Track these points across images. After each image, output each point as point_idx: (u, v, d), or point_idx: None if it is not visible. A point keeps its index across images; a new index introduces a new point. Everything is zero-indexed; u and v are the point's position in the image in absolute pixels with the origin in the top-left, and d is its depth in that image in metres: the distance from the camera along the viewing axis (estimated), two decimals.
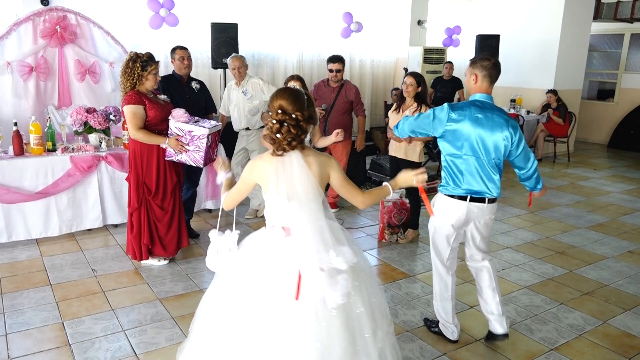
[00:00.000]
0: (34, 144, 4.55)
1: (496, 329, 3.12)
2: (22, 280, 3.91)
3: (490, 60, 2.91)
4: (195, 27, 7.12)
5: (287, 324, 2.02)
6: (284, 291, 2.04)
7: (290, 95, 2.10)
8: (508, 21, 9.44)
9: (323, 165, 2.18)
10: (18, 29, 5.20)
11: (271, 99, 2.16)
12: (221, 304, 2.21)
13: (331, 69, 5.27)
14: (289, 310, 2.02)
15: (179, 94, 4.54)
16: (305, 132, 2.14)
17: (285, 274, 2.06)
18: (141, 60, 3.85)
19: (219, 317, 2.20)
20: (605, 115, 10.64)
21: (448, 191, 2.97)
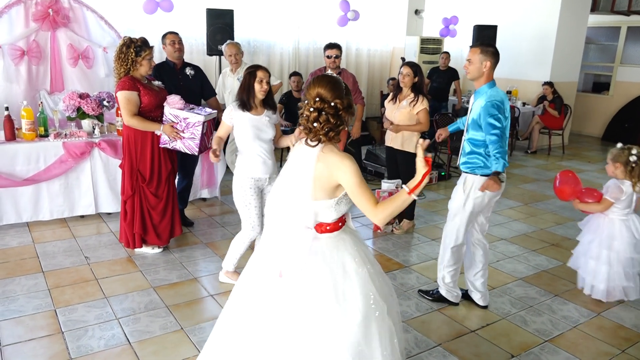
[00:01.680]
0: (26, 129, 4.48)
1: (480, 301, 3.51)
2: (13, 267, 3.87)
3: (496, 49, 3.19)
4: (190, 13, 7.03)
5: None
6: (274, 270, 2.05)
7: (329, 83, 2.01)
8: (505, 12, 9.40)
9: (331, 165, 1.99)
10: (9, 12, 5.09)
11: (307, 86, 2.08)
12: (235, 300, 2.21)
13: (329, 55, 5.22)
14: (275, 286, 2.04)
15: (172, 82, 4.42)
16: (343, 123, 2.05)
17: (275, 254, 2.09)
18: (135, 46, 3.79)
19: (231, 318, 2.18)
20: (600, 108, 10.65)
21: (488, 172, 3.19)
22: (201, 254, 4.23)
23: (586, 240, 3.68)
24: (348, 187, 1.99)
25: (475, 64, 3.15)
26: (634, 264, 3.52)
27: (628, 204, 3.48)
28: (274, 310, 2.01)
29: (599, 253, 3.56)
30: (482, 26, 8.25)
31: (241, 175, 3.49)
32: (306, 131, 2.03)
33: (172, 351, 2.91)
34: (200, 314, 3.32)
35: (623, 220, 3.51)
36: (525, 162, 8.07)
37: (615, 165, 3.48)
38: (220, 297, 3.53)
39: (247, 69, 3.43)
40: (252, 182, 3.48)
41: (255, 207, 3.52)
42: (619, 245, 3.49)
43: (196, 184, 5.39)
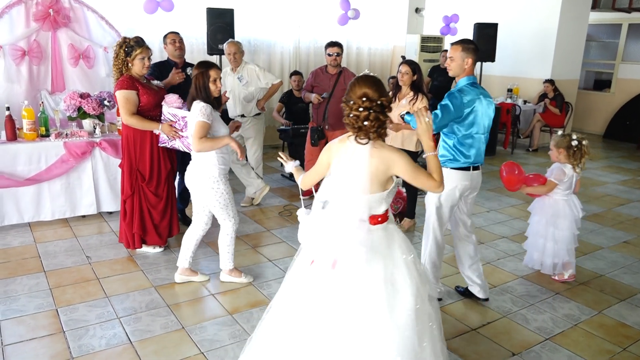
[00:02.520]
0: (27, 129, 4.49)
1: (480, 294, 3.53)
2: (15, 266, 3.88)
3: (476, 45, 3.26)
4: (190, 13, 7.03)
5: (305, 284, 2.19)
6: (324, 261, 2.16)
7: (373, 82, 2.12)
8: (506, 10, 9.38)
9: (386, 159, 2.15)
10: (10, 12, 5.10)
11: (351, 87, 2.14)
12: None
13: (330, 52, 5.23)
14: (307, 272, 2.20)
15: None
16: (387, 119, 2.15)
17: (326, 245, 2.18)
18: (126, 46, 3.80)
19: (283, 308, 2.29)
20: (602, 106, 10.63)
21: (457, 165, 3.25)
22: (202, 253, 4.24)
23: (534, 221, 4.03)
24: (407, 174, 2.20)
25: (457, 61, 3.22)
26: (574, 240, 3.91)
27: (569, 185, 3.87)
28: (328, 301, 2.12)
29: (546, 231, 3.91)
30: (482, 24, 8.22)
31: (219, 172, 3.46)
32: (355, 130, 2.13)
33: (173, 350, 2.91)
34: (201, 313, 3.32)
35: (565, 200, 3.87)
36: (527, 160, 8.05)
37: (559, 151, 3.84)
38: (221, 296, 3.54)
39: (197, 68, 3.37)
40: (227, 177, 3.53)
41: (232, 199, 3.58)
42: (563, 222, 3.85)
43: None
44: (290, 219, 5.11)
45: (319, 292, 2.14)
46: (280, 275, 3.86)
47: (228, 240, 3.66)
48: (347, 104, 2.15)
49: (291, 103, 6.74)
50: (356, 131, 2.13)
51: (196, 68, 3.37)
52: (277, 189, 6.09)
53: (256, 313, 3.32)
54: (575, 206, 3.89)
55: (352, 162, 2.14)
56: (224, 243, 3.67)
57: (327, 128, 5.42)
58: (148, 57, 3.87)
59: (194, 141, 3.34)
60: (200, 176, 3.45)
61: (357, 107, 2.10)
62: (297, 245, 4.37)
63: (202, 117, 3.31)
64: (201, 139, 3.32)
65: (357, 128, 2.12)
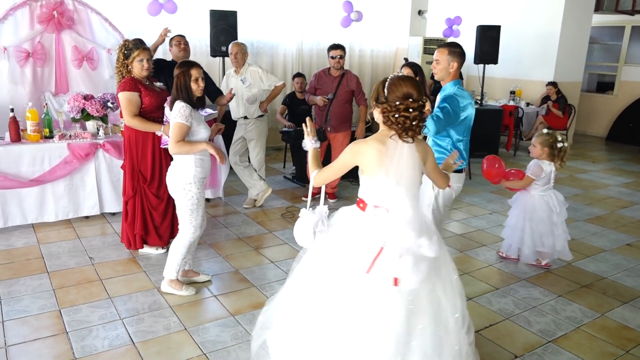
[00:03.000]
0: (31, 131, 4.51)
1: None
2: (18, 267, 3.89)
3: (463, 49, 3.36)
4: (194, 15, 7.05)
5: (359, 297, 2.13)
6: (358, 265, 2.13)
7: (414, 83, 2.17)
8: (509, 12, 9.39)
9: (425, 152, 2.31)
10: (15, 14, 5.13)
11: (393, 88, 2.15)
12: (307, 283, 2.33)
13: (333, 55, 5.24)
14: (362, 284, 2.13)
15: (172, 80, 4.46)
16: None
17: (367, 248, 2.14)
18: (125, 48, 3.82)
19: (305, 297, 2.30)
20: (605, 108, 10.61)
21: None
22: (204, 254, 4.24)
23: (513, 214, 4.25)
24: (433, 165, 2.40)
25: (443, 64, 3.28)
26: (549, 232, 4.05)
27: (547, 181, 4.09)
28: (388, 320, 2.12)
29: (523, 224, 4.12)
30: (485, 26, 8.23)
31: (195, 176, 3.33)
32: (402, 130, 2.15)
33: (176, 351, 2.92)
34: (203, 315, 3.33)
35: (542, 196, 4.09)
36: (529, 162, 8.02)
37: (543, 149, 4.05)
38: (223, 298, 3.55)
39: (179, 68, 3.26)
40: (200, 183, 3.39)
41: (203, 207, 3.47)
42: (538, 216, 4.05)
43: None
44: (293, 220, 5.12)
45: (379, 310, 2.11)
46: (282, 277, 3.87)
47: (181, 248, 3.45)
48: (392, 105, 2.14)
49: (294, 105, 6.75)
50: (404, 131, 2.16)
51: (177, 68, 3.26)
52: (279, 191, 6.10)
53: (258, 314, 3.32)
54: (553, 202, 4.08)
55: (409, 162, 2.18)
56: (175, 249, 3.46)
57: (329, 130, 5.43)
58: (147, 59, 3.84)
59: (170, 144, 3.23)
60: (177, 177, 3.34)
61: (404, 107, 2.13)
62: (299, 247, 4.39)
63: (180, 118, 3.20)
64: (178, 142, 3.20)
65: (407, 128, 2.15)
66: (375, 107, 2.25)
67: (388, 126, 2.20)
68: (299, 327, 2.30)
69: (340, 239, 2.27)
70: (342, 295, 2.17)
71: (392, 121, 2.16)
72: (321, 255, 2.30)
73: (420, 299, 2.16)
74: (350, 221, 2.31)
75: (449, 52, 3.28)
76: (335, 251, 2.25)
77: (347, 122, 5.46)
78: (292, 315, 2.34)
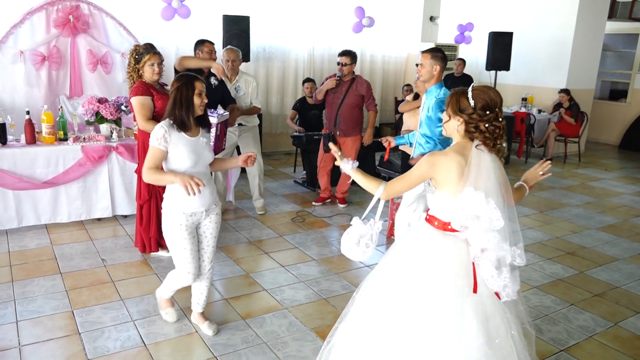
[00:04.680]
0: (46, 133, 4.57)
1: None
2: (32, 268, 3.94)
3: (444, 54, 3.67)
4: (207, 19, 7.11)
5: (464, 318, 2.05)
6: (459, 286, 2.08)
7: (497, 92, 2.19)
8: (521, 18, 9.36)
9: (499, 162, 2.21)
10: (31, 18, 5.21)
11: (482, 97, 2.14)
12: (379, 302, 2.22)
13: (339, 61, 5.26)
14: (465, 304, 2.06)
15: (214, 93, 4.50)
16: None
17: (454, 269, 2.10)
18: (136, 53, 3.85)
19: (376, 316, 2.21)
20: (617, 116, 10.53)
21: None
22: (215, 257, 4.25)
23: None
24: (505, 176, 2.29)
25: (427, 67, 3.66)
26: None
27: None
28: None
29: None
30: (497, 32, 8.21)
31: (172, 210, 2.83)
32: (492, 140, 2.14)
33: (187, 354, 2.94)
34: (213, 317, 3.34)
35: None
36: None
37: None
38: (234, 301, 3.56)
39: (180, 79, 2.79)
40: (184, 219, 2.82)
41: (190, 250, 2.90)
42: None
43: None
44: (303, 225, 5.13)
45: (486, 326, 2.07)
46: (292, 281, 3.88)
47: (175, 280, 3.09)
48: (482, 114, 2.13)
49: (304, 110, 6.77)
50: (494, 140, 2.14)
51: (177, 80, 2.80)
52: (289, 195, 6.11)
53: (269, 318, 3.33)
54: None
55: (496, 171, 2.11)
56: (171, 278, 3.11)
57: (339, 134, 5.44)
58: (158, 63, 3.87)
59: (143, 169, 2.77)
60: (165, 210, 2.89)
61: (494, 116, 2.14)
62: (309, 252, 4.42)
63: (154, 142, 2.72)
64: (150, 168, 2.70)
65: (498, 136, 2.15)
66: (455, 117, 2.19)
67: (474, 137, 2.15)
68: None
69: (427, 264, 2.16)
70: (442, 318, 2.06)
71: (483, 130, 2.13)
72: (404, 284, 2.18)
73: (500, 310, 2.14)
74: (430, 243, 2.21)
75: (432, 57, 3.65)
76: (425, 277, 2.14)
77: (357, 127, 5.47)
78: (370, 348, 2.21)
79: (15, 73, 5.19)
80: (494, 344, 2.06)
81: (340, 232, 4.98)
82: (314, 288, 3.79)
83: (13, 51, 5.13)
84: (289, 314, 3.40)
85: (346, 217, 5.38)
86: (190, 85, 2.76)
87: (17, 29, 5.14)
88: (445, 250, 2.15)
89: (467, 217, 2.08)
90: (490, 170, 2.09)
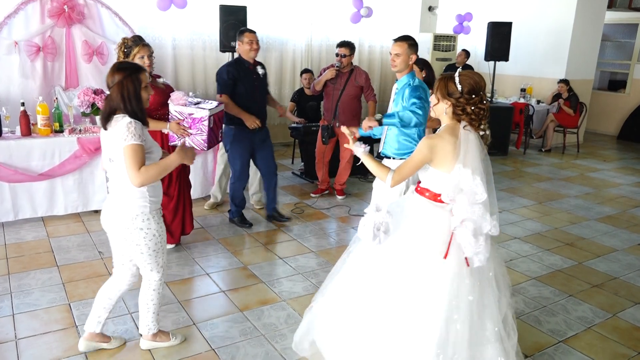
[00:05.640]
0: (41, 125, 4.53)
1: None
2: (28, 260, 3.91)
3: (416, 42, 3.56)
4: (203, 10, 7.04)
5: (434, 280, 2.32)
6: (434, 251, 2.34)
7: (481, 76, 2.35)
8: (521, 9, 9.29)
9: None
10: (25, 8, 5.16)
11: (469, 82, 2.30)
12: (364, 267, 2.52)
13: (337, 52, 5.21)
14: (437, 268, 2.32)
15: (249, 81, 4.47)
16: None
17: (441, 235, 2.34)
18: (125, 46, 3.75)
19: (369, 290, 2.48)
20: (616, 106, 10.50)
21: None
22: (213, 250, 4.25)
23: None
24: None
25: (403, 56, 3.49)
26: None
27: None
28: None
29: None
30: (496, 23, 8.15)
31: (151, 209, 2.59)
32: (478, 120, 2.33)
33: (184, 346, 2.92)
34: (212, 310, 3.33)
35: None
36: (540, 161, 7.98)
37: None
38: (232, 293, 3.55)
39: (120, 70, 2.48)
40: (160, 214, 2.69)
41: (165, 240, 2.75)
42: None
43: (208, 181, 5.41)
44: (302, 216, 5.11)
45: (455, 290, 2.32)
46: (291, 273, 3.86)
47: (153, 296, 2.79)
48: (468, 98, 2.29)
49: (302, 101, 6.73)
50: (479, 121, 2.33)
51: (117, 71, 2.47)
52: (288, 187, 6.09)
53: (267, 310, 3.32)
54: None
55: (480, 150, 2.32)
56: (147, 300, 2.79)
57: (338, 125, 5.40)
58: (148, 55, 3.77)
59: (130, 174, 2.42)
60: (124, 214, 2.55)
61: (479, 99, 2.30)
62: (307, 244, 4.40)
63: (132, 139, 2.41)
64: (140, 169, 2.42)
65: (482, 117, 2.33)
66: (444, 101, 2.35)
67: (461, 119, 2.34)
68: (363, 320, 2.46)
69: (413, 230, 2.41)
70: (417, 281, 2.34)
71: (469, 113, 2.31)
72: (392, 247, 2.42)
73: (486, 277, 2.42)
74: (421, 211, 2.43)
75: (409, 45, 3.50)
76: (410, 241, 2.39)
77: (356, 118, 5.43)
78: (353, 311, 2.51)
79: (9, 64, 5.15)
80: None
81: (338, 224, 4.97)
82: (312, 280, 3.78)
83: (7, 42, 5.08)
84: (287, 306, 3.39)
85: (344, 208, 5.36)
86: (137, 79, 2.48)
87: (11, 19, 5.09)
88: (434, 219, 2.38)
89: (455, 191, 2.31)
90: (475, 149, 2.29)
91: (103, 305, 2.78)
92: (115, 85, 2.46)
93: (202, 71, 7.27)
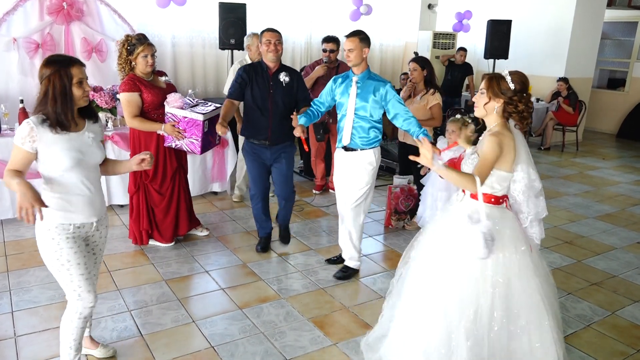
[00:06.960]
0: None
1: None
2: (28, 258, 3.91)
3: (368, 36, 3.51)
4: (203, 7, 7.02)
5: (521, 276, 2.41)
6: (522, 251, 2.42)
7: (525, 76, 2.42)
8: (520, 7, 9.28)
9: None
10: (24, 5, 5.14)
11: (525, 82, 2.38)
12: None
13: (325, 48, 5.18)
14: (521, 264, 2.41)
15: (262, 86, 3.80)
16: None
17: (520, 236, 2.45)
18: (129, 44, 3.71)
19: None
20: (616, 105, 10.50)
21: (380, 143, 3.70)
22: (212, 247, 4.25)
23: (428, 192, 4.39)
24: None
25: (357, 51, 3.44)
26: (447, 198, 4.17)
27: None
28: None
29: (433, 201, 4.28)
30: (496, 21, 8.14)
31: (51, 223, 2.26)
32: (525, 119, 2.40)
33: (184, 344, 2.92)
34: (211, 307, 3.33)
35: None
36: (539, 159, 7.99)
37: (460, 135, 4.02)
38: (231, 291, 3.55)
39: (49, 64, 2.18)
40: (69, 232, 2.29)
41: (79, 264, 2.30)
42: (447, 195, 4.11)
43: (207, 178, 5.41)
44: (301, 214, 5.11)
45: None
46: (290, 271, 3.86)
47: (69, 324, 2.39)
48: (524, 97, 2.37)
49: None
50: (526, 120, 2.40)
51: (46, 66, 2.18)
52: None
53: (266, 308, 3.32)
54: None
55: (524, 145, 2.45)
56: (65, 328, 2.40)
57: (332, 122, 5.39)
58: (151, 54, 3.74)
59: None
60: (36, 228, 2.29)
61: (528, 99, 2.39)
62: (307, 241, 4.40)
63: (16, 139, 2.20)
64: (9, 170, 2.19)
65: (527, 117, 2.40)
66: (496, 99, 2.37)
67: (510, 118, 2.41)
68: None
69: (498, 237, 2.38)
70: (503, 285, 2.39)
71: (521, 110, 2.36)
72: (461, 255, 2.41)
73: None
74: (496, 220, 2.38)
75: (360, 40, 3.44)
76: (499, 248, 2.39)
77: None
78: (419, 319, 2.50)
79: (8, 61, 5.14)
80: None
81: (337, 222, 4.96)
82: (311, 278, 3.78)
83: (6, 39, 5.07)
84: (287, 304, 3.40)
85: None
86: (67, 74, 2.17)
87: (9, 16, 5.08)
88: (508, 222, 2.42)
89: (520, 189, 2.42)
90: (526, 146, 2.44)
91: (69, 337, 2.43)
92: (44, 80, 2.18)
93: (201, 69, 7.25)
